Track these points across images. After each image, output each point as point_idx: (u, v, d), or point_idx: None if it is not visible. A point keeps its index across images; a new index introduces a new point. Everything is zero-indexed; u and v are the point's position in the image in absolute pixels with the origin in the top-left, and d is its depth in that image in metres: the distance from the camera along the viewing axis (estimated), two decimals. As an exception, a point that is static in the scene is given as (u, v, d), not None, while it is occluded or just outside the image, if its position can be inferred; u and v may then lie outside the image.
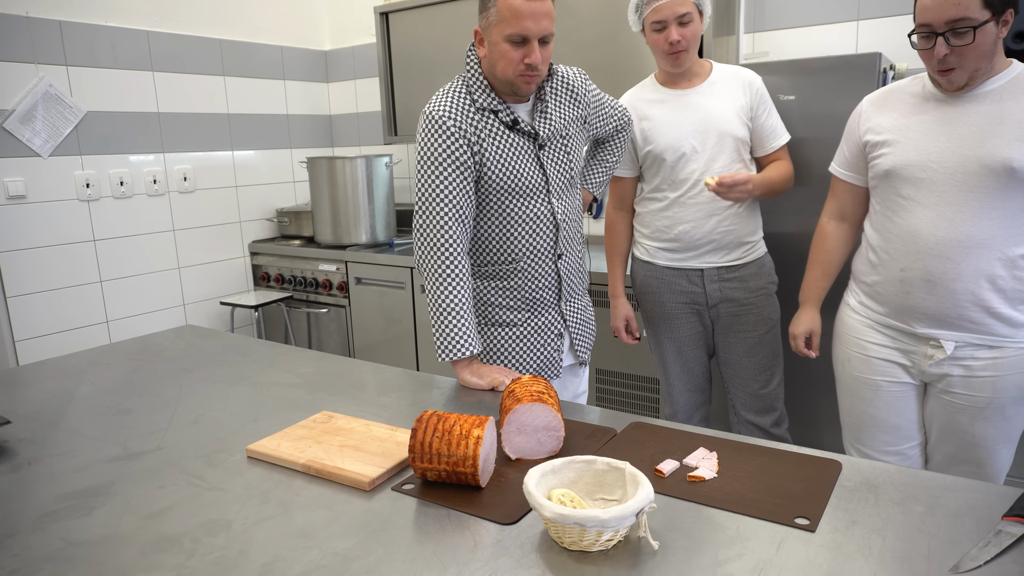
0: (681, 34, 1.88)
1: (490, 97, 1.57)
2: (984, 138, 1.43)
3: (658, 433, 1.25)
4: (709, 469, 1.10)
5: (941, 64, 1.43)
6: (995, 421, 1.53)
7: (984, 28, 1.38)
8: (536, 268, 1.67)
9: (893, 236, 1.57)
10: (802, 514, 0.96)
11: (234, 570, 0.88)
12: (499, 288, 1.68)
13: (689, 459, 1.14)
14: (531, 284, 1.67)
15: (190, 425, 1.36)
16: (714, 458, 1.13)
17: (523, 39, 1.48)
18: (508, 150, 1.58)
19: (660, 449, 1.19)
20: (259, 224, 3.93)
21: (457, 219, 1.55)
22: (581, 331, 1.78)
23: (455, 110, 1.54)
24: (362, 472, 1.10)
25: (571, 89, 1.68)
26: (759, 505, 0.99)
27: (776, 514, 0.97)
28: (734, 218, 2.01)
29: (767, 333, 2.08)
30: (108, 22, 3.18)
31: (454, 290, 1.53)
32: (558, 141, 1.65)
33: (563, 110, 1.67)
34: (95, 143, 3.16)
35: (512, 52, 1.49)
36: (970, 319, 1.49)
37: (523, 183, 1.60)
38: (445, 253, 1.54)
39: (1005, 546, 0.86)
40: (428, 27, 3.30)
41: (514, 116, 1.58)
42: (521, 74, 1.51)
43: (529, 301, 1.69)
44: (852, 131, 1.68)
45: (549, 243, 1.67)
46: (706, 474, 1.08)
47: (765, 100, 2.01)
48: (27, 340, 2.99)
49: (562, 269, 1.70)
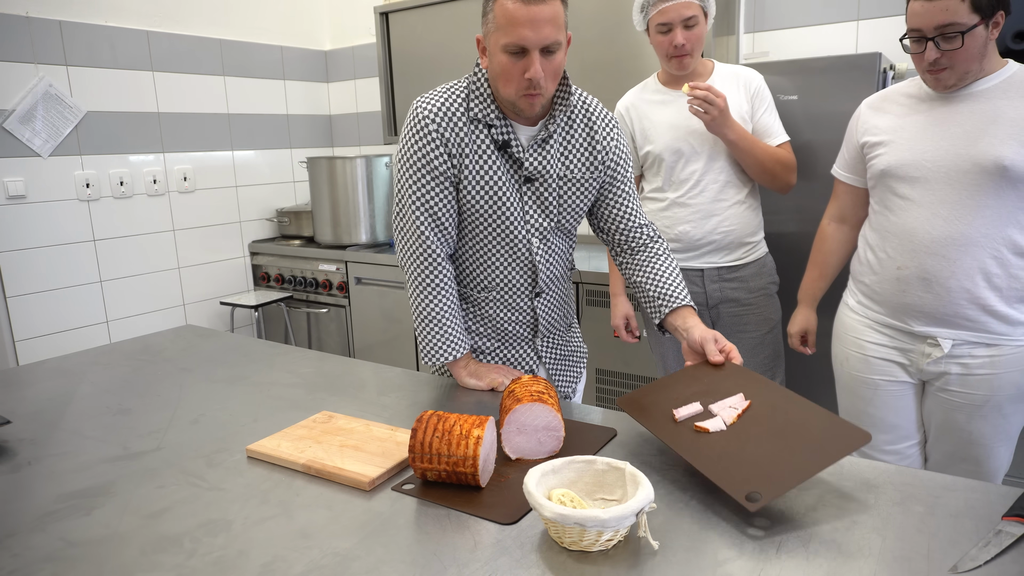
0: (686, 37, 1.88)
1: (488, 109, 1.38)
2: (977, 137, 1.45)
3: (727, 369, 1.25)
4: (723, 421, 1.06)
5: (932, 66, 1.45)
6: (992, 419, 1.54)
7: (973, 32, 1.40)
8: (510, 302, 1.52)
9: (890, 235, 1.58)
10: (755, 491, 0.94)
11: (234, 570, 0.88)
12: (472, 313, 1.55)
13: (716, 406, 1.11)
14: (504, 316, 1.53)
15: (190, 425, 1.36)
16: (738, 410, 1.10)
17: (521, 49, 1.27)
18: (490, 173, 1.40)
19: (710, 388, 1.18)
20: (259, 224, 3.93)
21: (434, 227, 1.43)
22: (560, 367, 1.64)
23: (442, 114, 1.38)
24: (362, 472, 1.10)
25: (590, 127, 1.46)
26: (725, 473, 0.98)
27: (732, 486, 0.95)
28: (734, 218, 2.01)
29: (768, 333, 2.08)
30: (108, 22, 3.19)
31: (435, 297, 1.45)
32: (552, 182, 1.43)
33: (572, 148, 1.44)
34: (95, 143, 3.16)
35: (511, 65, 1.29)
36: (966, 317, 1.50)
37: (499, 213, 1.43)
38: (424, 261, 1.44)
39: (1005, 546, 0.86)
40: (428, 27, 3.30)
41: (508, 137, 1.39)
42: (523, 93, 1.31)
43: (501, 333, 1.55)
44: (851, 134, 1.71)
45: (526, 280, 1.51)
46: (713, 426, 1.05)
47: (763, 98, 2.01)
48: (27, 340, 2.99)
49: (540, 307, 1.54)
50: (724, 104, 1.85)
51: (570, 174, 1.45)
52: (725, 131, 1.90)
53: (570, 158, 1.45)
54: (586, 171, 1.47)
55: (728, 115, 1.87)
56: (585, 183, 1.48)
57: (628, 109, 2.09)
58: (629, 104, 2.10)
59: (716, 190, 1.99)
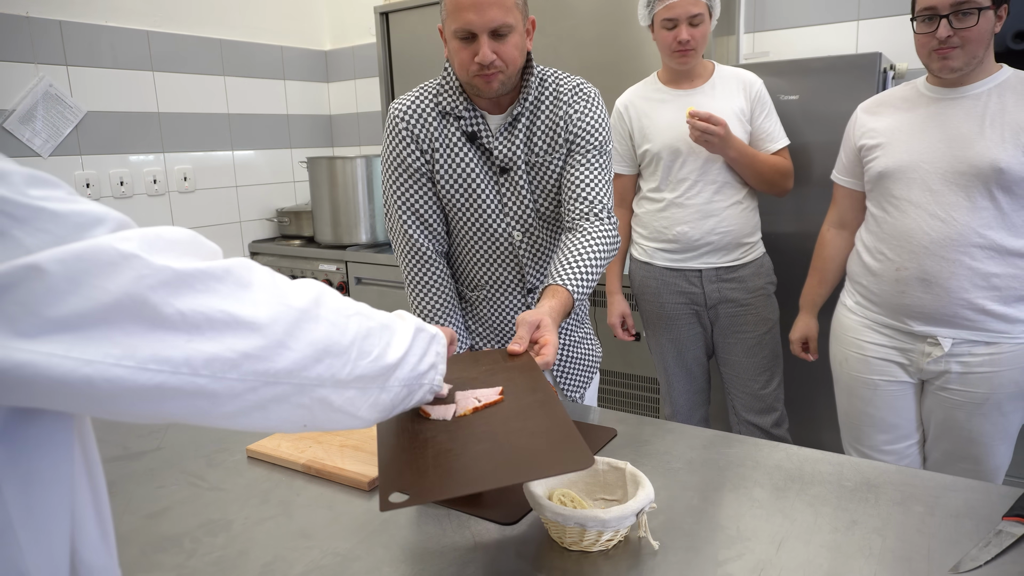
0: (691, 34, 1.89)
1: (456, 100, 1.38)
2: (973, 139, 1.46)
3: (518, 361, 1.11)
4: (451, 410, 0.93)
5: (942, 45, 1.45)
6: (992, 417, 1.54)
7: (986, 14, 1.42)
8: (501, 300, 1.51)
9: (888, 237, 1.58)
10: (409, 490, 0.79)
11: (234, 570, 0.88)
12: (469, 313, 1.55)
13: (463, 393, 0.97)
14: (498, 316, 1.52)
15: (190, 425, 1.36)
16: (479, 404, 0.95)
17: (469, 34, 1.28)
18: (462, 165, 1.40)
19: (480, 376, 1.04)
20: (259, 224, 3.93)
21: (419, 225, 1.44)
22: (566, 368, 1.58)
23: (411, 112, 1.40)
24: (362, 472, 1.10)
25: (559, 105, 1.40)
26: (397, 464, 0.84)
27: (390, 478, 0.83)
28: (732, 219, 2.01)
29: (767, 333, 2.08)
30: (108, 22, 3.18)
31: (427, 294, 1.48)
32: (521, 169, 1.41)
33: (540, 132, 1.40)
34: (95, 143, 3.16)
35: (462, 50, 1.30)
36: (966, 316, 1.50)
37: (475, 206, 1.42)
38: (414, 259, 1.47)
39: (1005, 546, 0.86)
40: (428, 27, 3.29)
41: (476, 128, 1.38)
42: (476, 75, 1.31)
43: (499, 332, 1.54)
44: (848, 138, 1.72)
45: (513, 276, 1.49)
46: (436, 413, 0.92)
47: (764, 103, 2.02)
48: (27, 340, 2.99)
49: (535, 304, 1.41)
50: (725, 130, 1.86)
51: (535, 158, 1.41)
52: (726, 151, 1.92)
53: (535, 140, 1.41)
54: (551, 150, 1.41)
55: (729, 137, 1.89)
56: (551, 164, 1.42)
57: (627, 107, 2.09)
58: (628, 102, 2.10)
59: (713, 190, 1.99)
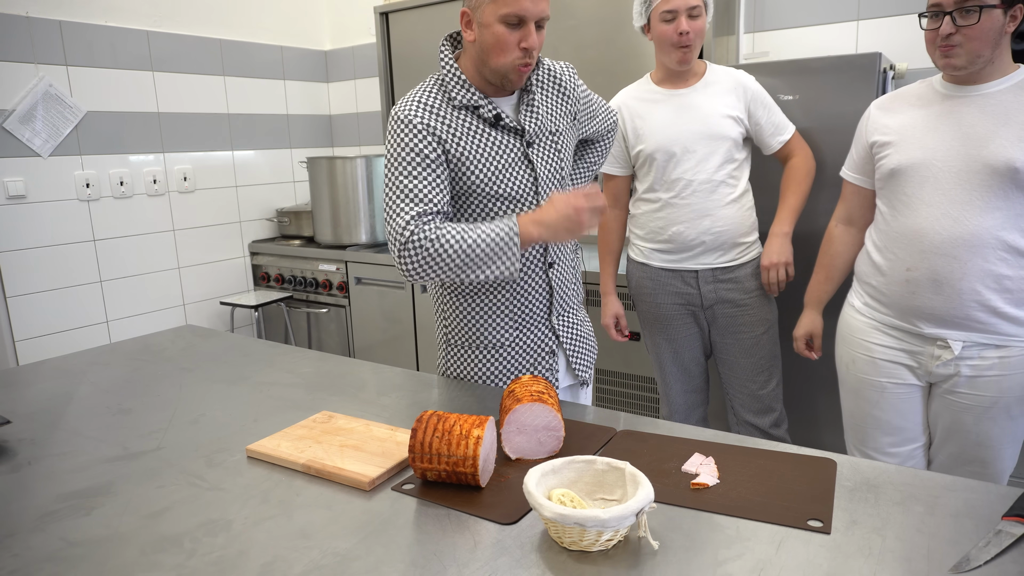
0: (690, 26, 1.90)
1: (469, 92, 1.42)
2: (988, 138, 1.44)
3: (648, 440, 1.22)
4: (710, 475, 1.08)
5: (944, 42, 1.46)
6: (1000, 420, 1.53)
7: (991, 12, 1.41)
8: (524, 279, 1.52)
9: (898, 236, 1.57)
10: (814, 516, 0.96)
11: (234, 570, 0.88)
12: (484, 305, 1.53)
13: (687, 466, 1.12)
14: (519, 298, 1.53)
15: (190, 425, 1.36)
16: (712, 463, 1.12)
17: (520, 20, 1.34)
18: (491, 149, 1.44)
19: (654, 458, 1.16)
20: (259, 224, 3.93)
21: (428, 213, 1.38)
22: (578, 348, 1.63)
23: (424, 108, 1.41)
24: (362, 472, 1.10)
25: (559, 83, 1.53)
26: (768, 509, 0.98)
27: (787, 518, 0.96)
28: (728, 219, 2.01)
29: (764, 334, 2.08)
30: (108, 22, 3.18)
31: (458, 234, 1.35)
32: (547, 138, 1.50)
33: (551, 104, 1.52)
34: (95, 143, 3.16)
35: (507, 35, 1.35)
36: (977, 319, 1.49)
37: (509, 185, 1.46)
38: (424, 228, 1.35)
39: (1005, 546, 0.86)
40: (428, 27, 3.30)
41: (497, 112, 1.44)
42: (519, 63, 1.37)
43: (517, 317, 1.54)
44: (860, 134, 1.70)
45: (538, 251, 1.52)
46: (708, 480, 1.06)
47: (761, 99, 2.02)
48: (27, 340, 2.99)
49: (554, 279, 1.54)
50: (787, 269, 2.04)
51: (558, 124, 1.53)
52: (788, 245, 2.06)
53: (553, 109, 1.53)
54: (567, 116, 1.56)
55: (784, 247, 2.04)
56: (570, 127, 1.58)
57: (621, 108, 2.09)
58: (621, 103, 2.10)
59: (708, 190, 1.99)
